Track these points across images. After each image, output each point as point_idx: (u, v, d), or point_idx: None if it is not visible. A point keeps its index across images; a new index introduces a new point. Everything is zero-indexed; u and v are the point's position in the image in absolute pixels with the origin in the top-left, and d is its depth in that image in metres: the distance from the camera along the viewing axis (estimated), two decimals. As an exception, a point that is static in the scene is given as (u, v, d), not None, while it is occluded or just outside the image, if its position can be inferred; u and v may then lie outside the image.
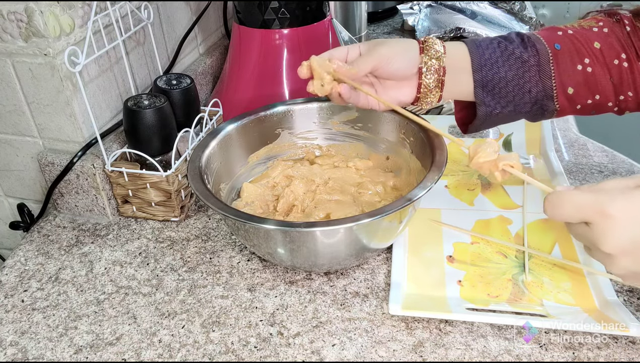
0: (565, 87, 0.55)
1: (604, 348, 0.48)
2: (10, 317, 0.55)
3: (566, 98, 0.56)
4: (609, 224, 0.37)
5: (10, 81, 0.61)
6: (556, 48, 0.55)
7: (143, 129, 0.63)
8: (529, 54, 0.55)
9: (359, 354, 0.49)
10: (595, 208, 0.38)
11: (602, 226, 0.38)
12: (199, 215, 0.68)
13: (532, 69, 0.55)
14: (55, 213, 0.70)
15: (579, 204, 0.39)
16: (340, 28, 0.84)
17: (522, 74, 0.55)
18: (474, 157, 0.49)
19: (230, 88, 0.82)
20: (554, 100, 0.56)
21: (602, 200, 0.38)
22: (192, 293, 0.56)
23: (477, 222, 0.63)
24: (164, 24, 0.80)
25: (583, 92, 0.55)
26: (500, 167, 0.47)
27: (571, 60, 0.55)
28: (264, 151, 0.68)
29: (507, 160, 0.47)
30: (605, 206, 0.37)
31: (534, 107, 0.57)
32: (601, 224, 0.38)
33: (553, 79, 0.55)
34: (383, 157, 0.68)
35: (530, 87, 0.55)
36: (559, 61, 0.55)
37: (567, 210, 0.39)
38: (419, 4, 1.28)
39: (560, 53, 0.55)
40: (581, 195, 0.39)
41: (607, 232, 0.38)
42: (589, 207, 0.38)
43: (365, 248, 0.55)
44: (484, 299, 0.53)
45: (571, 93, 0.55)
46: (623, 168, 0.72)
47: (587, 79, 0.55)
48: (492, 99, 0.56)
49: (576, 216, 0.39)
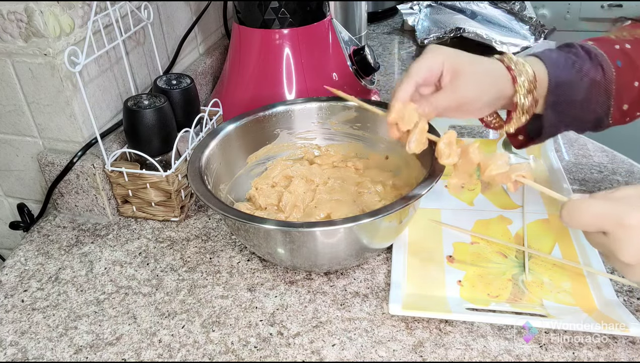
0: (621, 104, 0.54)
1: (604, 348, 0.48)
2: (10, 317, 0.55)
3: (620, 113, 0.55)
4: (627, 234, 0.37)
5: (10, 81, 0.61)
6: (618, 65, 0.53)
7: (143, 129, 0.63)
8: (599, 74, 0.53)
9: (359, 354, 0.49)
10: (613, 218, 0.38)
11: (620, 236, 0.38)
12: (199, 215, 0.68)
13: (600, 90, 0.53)
14: (55, 213, 0.70)
15: (596, 214, 0.38)
16: (340, 28, 0.84)
17: (590, 95, 0.53)
18: (486, 171, 0.48)
19: (230, 88, 0.82)
20: (609, 117, 0.55)
21: (620, 211, 0.37)
22: (192, 293, 0.56)
23: (477, 222, 0.63)
24: (164, 24, 0.80)
25: (635, 107, 0.55)
26: (513, 179, 0.46)
27: (630, 78, 0.53)
28: (263, 151, 0.68)
29: (519, 171, 0.46)
30: (623, 217, 0.37)
31: (592, 124, 0.56)
32: (619, 234, 0.38)
33: (612, 98, 0.54)
34: (382, 157, 0.68)
35: (595, 107, 0.54)
36: (620, 79, 0.53)
37: (584, 220, 0.39)
38: (419, 4, 1.28)
39: (621, 70, 0.53)
40: (598, 204, 0.39)
41: (625, 242, 0.38)
42: (606, 217, 0.38)
43: (365, 248, 0.55)
44: (484, 299, 0.53)
45: (625, 109, 0.55)
46: (623, 168, 0.72)
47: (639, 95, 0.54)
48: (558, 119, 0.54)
49: (594, 226, 0.39)
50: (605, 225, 0.38)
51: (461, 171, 0.50)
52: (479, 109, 0.53)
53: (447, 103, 0.51)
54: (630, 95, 0.54)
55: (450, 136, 0.50)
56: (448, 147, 0.50)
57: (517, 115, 0.53)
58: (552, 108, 0.54)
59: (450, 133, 0.50)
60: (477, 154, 0.48)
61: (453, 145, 0.50)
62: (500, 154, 0.48)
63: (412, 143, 0.50)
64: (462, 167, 0.50)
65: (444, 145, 0.50)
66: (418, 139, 0.50)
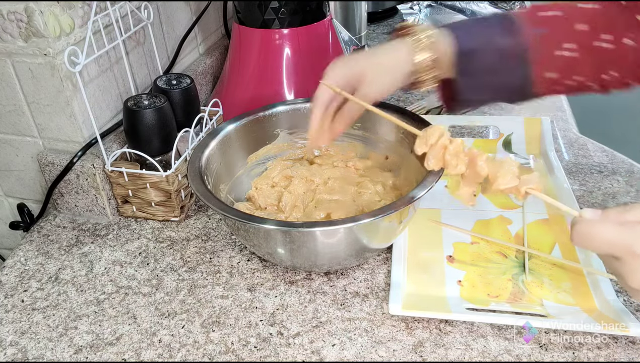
0: (544, 73, 0.54)
1: (604, 348, 0.48)
2: (10, 317, 0.55)
3: (545, 83, 0.54)
4: (638, 263, 0.37)
5: (10, 81, 0.61)
6: (538, 34, 0.53)
7: (143, 129, 0.63)
8: (510, 42, 0.53)
9: (359, 354, 0.49)
10: (625, 246, 0.37)
11: (631, 264, 0.37)
12: (199, 215, 0.68)
13: (512, 59, 0.53)
14: (55, 213, 0.70)
15: (607, 240, 0.38)
16: (340, 28, 0.84)
17: (501, 63, 0.54)
18: (494, 184, 0.46)
19: (230, 88, 0.82)
20: (531, 85, 0.55)
21: (631, 239, 0.37)
22: (192, 293, 0.56)
23: (477, 222, 0.63)
24: (164, 24, 0.80)
25: (563, 75, 0.54)
26: (523, 192, 0.45)
27: (553, 46, 0.53)
28: (263, 151, 0.68)
29: (529, 184, 0.45)
30: (634, 246, 0.37)
31: (513, 93, 0.57)
32: (630, 262, 0.37)
33: (532, 67, 0.53)
34: (382, 157, 0.68)
35: (508, 76, 0.54)
36: (541, 48, 0.53)
37: (595, 244, 0.39)
38: (419, 4, 1.28)
39: (542, 39, 0.53)
40: (610, 230, 0.38)
41: (635, 270, 0.37)
42: (617, 245, 0.38)
43: (365, 248, 0.55)
44: (484, 299, 0.53)
45: (550, 77, 0.54)
46: (623, 168, 0.72)
47: (568, 63, 0.53)
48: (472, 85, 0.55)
49: (605, 251, 0.39)
50: (616, 252, 0.38)
51: (469, 180, 0.50)
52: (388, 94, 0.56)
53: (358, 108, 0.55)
54: (554, 64, 0.53)
55: (457, 147, 0.49)
56: (455, 157, 0.49)
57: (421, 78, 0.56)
58: (461, 75, 0.55)
59: (457, 143, 0.49)
60: (484, 167, 0.47)
61: (460, 155, 0.49)
62: (508, 162, 0.46)
63: (431, 160, 0.50)
64: (469, 177, 0.49)
65: (451, 156, 0.49)
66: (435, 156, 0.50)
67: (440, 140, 0.49)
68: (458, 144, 0.49)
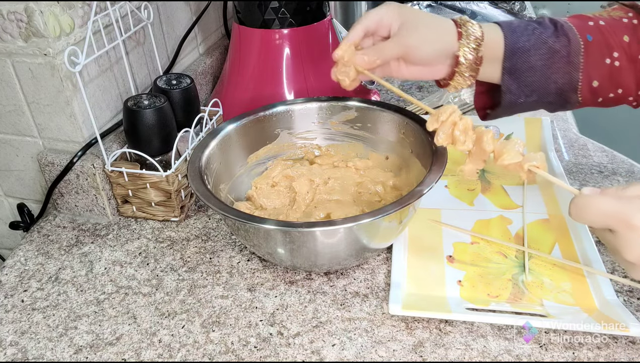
0: (591, 79, 0.54)
1: (604, 348, 0.48)
2: (10, 317, 0.55)
3: (590, 90, 0.55)
4: (633, 235, 0.37)
5: (10, 81, 0.61)
6: (588, 39, 0.53)
7: (143, 128, 0.63)
8: (561, 43, 0.53)
9: (359, 354, 0.49)
10: (621, 218, 0.38)
11: (626, 236, 0.38)
12: (199, 215, 0.68)
13: (562, 59, 0.54)
14: (55, 213, 0.70)
15: (604, 212, 0.38)
16: (340, 28, 0.84)
17: (550, 64, 0.54)
18: (499, 158, 0.48)
19: (230, 88, 0.82)
20: (577, 92, 0.55)
21: (628, 211, 0.37)
22: (192, 293, 0.56)
23: (477, 222, 0.63)
24: (164, 24, 0.80)
25: (607, 86, 0.54)
26: (526, 168, 0.46)
27: (600, 53, 0.53)
28: (264, 151, 0.68)
29: (532, 161, 0.46)
30: (630, 217, 0.37)
31: (557, 98, 0.56)
32: (625, 234, 0.38)
33: (580, 72, 0.54)
34: (383, 157, 0.68)
35: (557, 77, 0.54)
36: (589, 53, 0.53)
37: (592, 216, 0.39)
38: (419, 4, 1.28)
39: (591, 45, 0.53)
40: (608, 202, 0.39)
41: (630, 242, 0.38)
42: (614, 216, 0.38)
43: (365, 248, 0.55)
44: (484, 299, 0.53)
45: (596, 86, 0.54)
46: (623, 168, 0.72)
47: (613, 73, 0.54)
48: (518, 87, 0.55)
49: (601, 223, 0.39)
50: (613, 224, 0.38)
51: (475, 157, 0.51)
52: (423, 59, 0.54)
53: (392, 48, 0.53)
54: (600, 72, 0.54)
55: (466, 124, 0.50)
56: (463, 133, 0.50)
57: (460, 70, 0.55)
58: (509, 74, 0.54)
59: (467, 121, 0.50)
60: (490, 142, 0.48)
61: (469, 132, 0.50)
62: (514, 140, 0.48)
63: (441, 136, 0.51)
64: (476, 154, 0.50)
65: (460, 132, 0.50)
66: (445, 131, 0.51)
67: (450, 117, 0.50)
68: (467, 121, 0.50)
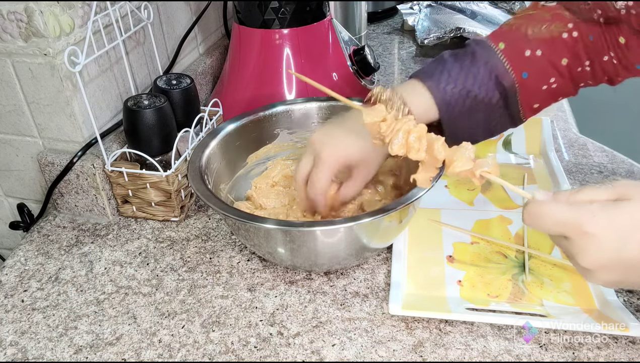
0: (531, 105, 0.56)
1: (604, 348, 0.48)
2: (10, 317, 0.55)
3: (532, 111, 0.57)
4: (587, 242, 0.37)
5: (10, 81, 0.61)
6: (523, 77, 0.54)
7: (143, 128, 0.63)
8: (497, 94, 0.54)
9: (359, 354, 0.49)
10: (574, 225, 0.38)
11: (580, 243, 0.38)
12: (199, 215, 0.68)
13: (500, 106, 0.55)
14: (55, 213, 0.70)
15: (557, 220, 0.38)
16: (340, 28, 0.84)
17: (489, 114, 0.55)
18: (450, 166, 0.46)
19: (230, 88, 0.82)
20: (521, 119, 0.57)
21: (580, 218, 0.37)
22: (192, 293, 0.56)
23: (477, 222, 0.63)
24: (164, 24, 0.80)
25: (548, 102, 0.57)
26: (478, 174, 0.45)
27: (536, 85, 0.55)
28: (263, 151, 0.68)
29: (483, 167, 0.45)
30: (583, 224, 0.37)
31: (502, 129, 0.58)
32: (579, 241, 0.38)
33: (520, 105, 0.56)
34: (383, 157, 0.68)
35: (496, 121, 0.57)
36: (525, 89, 0.55)
37: (545, 224, 0.39)
38: (419, 4, 1.28)
39: (526, 81, 0.54)
40: (560, 210, 0.38)
41: (585, 249, 0.38)
42: (567, 224, 0.38)
43: (365, 248, 0.55)
44: (484, 299, 0.53)
45: (537, 107, 0.57)
46: (623, 168, 0.72)
47: (551, 93, 0.56)
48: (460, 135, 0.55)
49: (555, 230, 0.39)
50: (566, 231, 0.38)
51: (427, 166, 0.49)
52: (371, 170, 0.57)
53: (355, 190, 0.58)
54: (539, 97, 0.56)
55: (420, 131, 0.48)
56: (418, 141, 0.48)
57: None
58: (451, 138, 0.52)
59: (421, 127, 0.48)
60: (441, 150, 0.47)
61: (423, 140, 0.48)
62: (465, 147, 0.46)
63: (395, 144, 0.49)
64: (428, 162, 0.49)
65: (414, 140, 0.48)
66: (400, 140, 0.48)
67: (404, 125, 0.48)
68: (422, 128, 0.48)
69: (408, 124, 0.48)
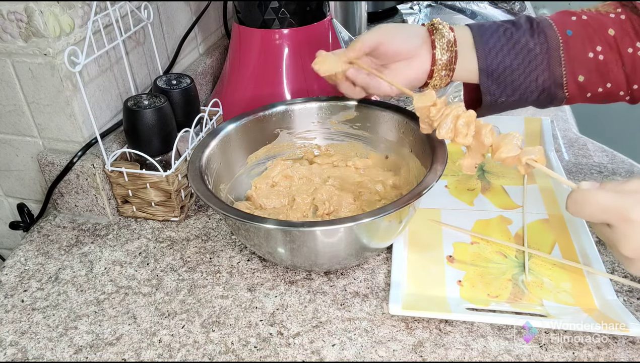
0: (575, 74, 0.54)
1: (604, 348, 0.48)
2: (10, 317, 0.55)
3: (577, 86, 0.54)
4: (630, 229, 0.37)
5: (10, 81, 0.61)
6: (567, 34, 0.53)
7: (143, 128, 0.63)
8: (536, 41, 0.54)
9: (359, 354, 0.49)
10: (618, 211, 0.37)
11: (623, 230, 0.38)
12: (199, 215, 0.68)
13: (539, 57, 0.54)
14: (55, 213, 0.70)
15: (601, 206, 0.38)
16: (340, 28, 0.84)
17: (528, 62, 0.54)
18: (497, 152, 0.47)
19: (230, 88, 0.82)
20: (563, 88, 0.55)
21: (625, 204, 0.37)
22: (192, 293, 0.56)
23: (477, 222, 0.63)
24: (164, 24, 0.80)
25: (594, 80, 0.54)
26: (524, 162, 0.46)
27: (583, 47, 0.53)
28: (263, 151, 0.68)
29: (530, 154, 0.46)
30: (627, 210, 0.37)
31: (541, 95, 0.56)
32: (622, 228, 0.38)
33: (563, 67, 0.54)
34: (382, 156, 0.68)
35: (537, 75, 0.54)
36: (570, 48, 0.53)
37: (589, 210, 0.39)
38: (419, 4, 1.28)
39: (571, 39, 0.53)
40: (605, 196, 0.38)
41: (627, 236, 0.38)
42: (611, 210, 0.38)
43: (365, 248, 0.55)
44: (484, 299, 0.53)
45: (582, 81, 0.54)
46: (623, 168, 0.72)
47: (599, 67, 0.54)
48: (497, 87, 0.55)
49: (598, 217, 0.39)
50: (610, 218, 0.38)
51: (474, 152, 0.50)
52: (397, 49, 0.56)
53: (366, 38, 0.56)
54: (584, 67, 0.54)
55: (469, 116, 0.49)
56: (466, 126, 0.49)
57: (437, 68, 0.57)
58: (486, 75, 0.54)
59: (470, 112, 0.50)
60: (489, 136, 0.48)
61: (471, 125, 0.49)
62: (513, 134, 0.47)
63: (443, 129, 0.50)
64: (474, 148, 0.50)
65: (463, 125, 0.49)
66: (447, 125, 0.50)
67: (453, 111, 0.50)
68: (471, 113, 0.50)
69: (457, 109, 0.50)
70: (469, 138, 0.49)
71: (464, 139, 0.49)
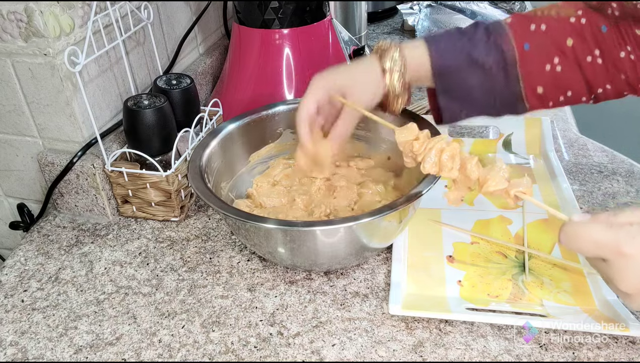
0: (534, 87, 0.54)
1: (604, 348, 0.48)
2: (10, 317, 0.55)
3: (537, 97, 0.54)
4: (626, 264, 0.36)
5: (10, 81, 0.61)
6: (524, 49, 0.52)
7: (143, 128, 0.63)
8: (494, 58, 0.53)
9: (359, 354, 0.49)
10: (613, 247, 0.36)
11: (618, 265, 0.37)
12: (199, 215, 0.68)
13: (498, 75, 0.53)
14: (55, 213, 0.70)
15: (595, 241, 0.37)
16: (340, 28, 0.84)
17: (484, 80, 0.53)
18: (484, 185, 0.46)
19: (230, 88, 0.82)
20: (524, 101, 0.55)
21: (619, 238, 0.36)
22: (192, 293, 0.56)
23: (477, 222, 0.63)
24: (164, 24, 0.80)
25: (553, 91, 0.54)
26: (512, 194, 0.45)
27: (540, 61, 0.53)
28: (266, 150, 0.69)
29: (519, 187, 0.45)
30: (621, 245, 0.36)
31: (502, 108, 0.56)
32: (618, 263, 0.37)
33: (521, 82, 0.53)
34: (384, 157, 0.68)
35: (496, 92, 0.54)
36: (527, 63, 0.53)
37: (583, 245, 0.38)
38: (419, 4, 1.28)
39: (527, 54, 0.52)
40: (597, 231, 0.37)
41: (623, 271, 0.37)
42: (605, 245, 0.37)
43: (365, 248, 0.55)
44: (484, 299, 0.53)
45: (541, 92, 0.54)
46: (623, 168, 0.72)
47: (557, 79, 0.53)
48: (456, 104, 0.55)
49: (592, 252, 0.38)
50: (604, 253, 0.37)
51: (460, 185, 0.49)
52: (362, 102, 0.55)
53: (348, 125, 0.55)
54: (542, 79, 0.53)
55: (453, 149, 0.48)
56: (451, 160, 0.48)
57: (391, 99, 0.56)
58: (443, 94, 0.54)
59: (454, 145, 0.48)
60: (475, 169, 0.47)
61: (456, 158, 0.48)
62: (499, 166, 0.46)
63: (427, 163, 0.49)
64: (460, 181, 0.49)
65: (447, 158, 0.48)
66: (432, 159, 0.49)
67: (437, 144, 0.48)
68: (455, 146, 0.48)
69: (441, 142, 0.48)
70: (454, 172, 0.48)
71: (450, 172, 0.48)
